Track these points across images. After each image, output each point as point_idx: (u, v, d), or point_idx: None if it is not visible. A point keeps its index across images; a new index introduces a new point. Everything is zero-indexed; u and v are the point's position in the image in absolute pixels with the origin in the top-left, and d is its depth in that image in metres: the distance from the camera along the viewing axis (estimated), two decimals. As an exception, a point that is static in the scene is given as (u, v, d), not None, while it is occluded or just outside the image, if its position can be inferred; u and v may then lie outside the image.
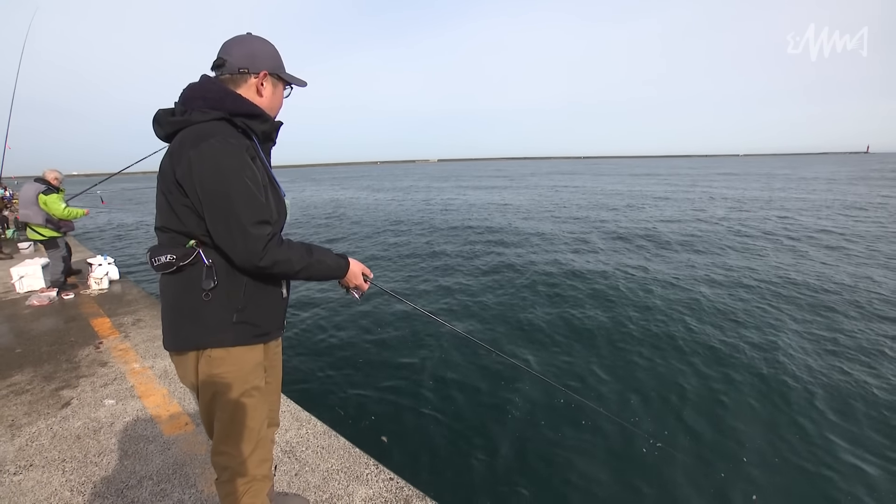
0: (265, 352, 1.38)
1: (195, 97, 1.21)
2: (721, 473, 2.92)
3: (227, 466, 1.31)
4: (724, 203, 18.01)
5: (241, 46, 1.26)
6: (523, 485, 2.83)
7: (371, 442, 3.07)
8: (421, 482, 2.08)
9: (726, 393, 3.83)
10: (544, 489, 2.81)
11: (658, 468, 2.97)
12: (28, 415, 2.68)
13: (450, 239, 11.28)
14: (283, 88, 1.37)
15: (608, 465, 3.00)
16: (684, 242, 10.10)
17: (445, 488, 2.76)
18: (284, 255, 1.18)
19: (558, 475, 2.93)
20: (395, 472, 2.10)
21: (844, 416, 3.50)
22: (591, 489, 2.81)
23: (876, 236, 10.36)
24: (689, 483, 2.84)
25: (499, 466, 2.99)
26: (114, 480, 2.09)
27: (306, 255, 1.23)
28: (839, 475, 2.92)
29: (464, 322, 5.50)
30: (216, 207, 1.13)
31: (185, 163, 1.12)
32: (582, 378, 4.14)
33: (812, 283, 6.79)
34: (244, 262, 1.15)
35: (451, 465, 3.01)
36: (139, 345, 3.72)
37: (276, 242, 1.17)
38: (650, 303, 6.01)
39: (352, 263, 1.40)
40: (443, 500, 1.94)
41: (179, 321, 1.24)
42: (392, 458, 2.98)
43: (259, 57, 1.27)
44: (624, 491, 2.80)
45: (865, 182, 28.83)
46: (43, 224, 5.04)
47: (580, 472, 2.94)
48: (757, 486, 2.81)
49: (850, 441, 3.24)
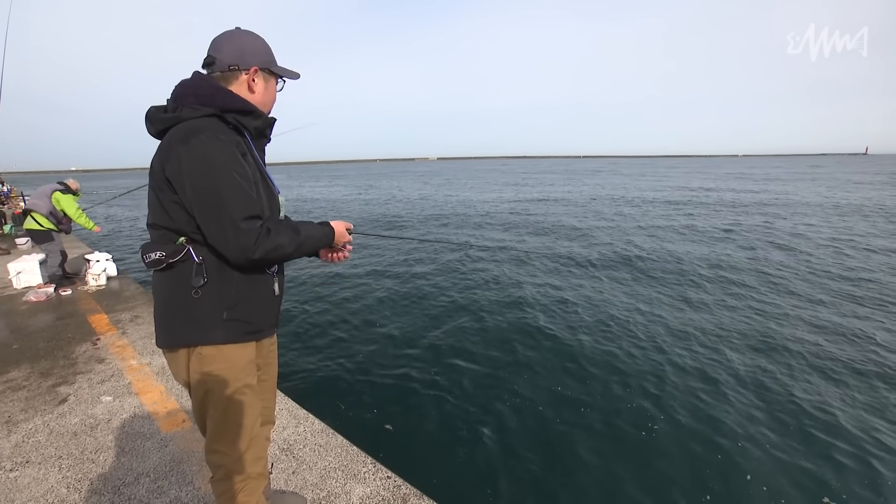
0: (258, 349, 1.37)
1: (187, 94, 1.20)
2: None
3: (221, 465, 1.31)
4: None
5: (230, 43, 1.25)
6: (521, 483, 2.84)
7: (369, 440, 3.08)
8: (418, 480, 2.08)
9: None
10: (543, 487, 2.81)
11: (661, 463, 2.98)
12: (25, 411, 2.67)
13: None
14: (276, 82, 1.36)
15: (610, 461, 3.01)
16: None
17: (443, 486, 2.77)
18: (275, 242, 1.17)
19: (557, 473, 2.93)
20: (393, 470, 2.10)
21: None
22: (591, 486, 2.82)
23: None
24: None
25: (496, 464, 2.99)
26: (111, 477, 2.08)
27: (294, 235, 1.23)
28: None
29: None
30: (206, 204, 1.12)
31: (175, 159, 1.12)
32: (587, 373, 4.15)
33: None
34: (237, 257, 1.15)
35: (449, 463, 3.02)
36: (136, 341, 3.71)
37: (265, 232, 1.16)
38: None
39: (335, 226, 1.40)
40: (440, 499, 1.94)
41: (170, 318, 1.23)
42: (389, 455, 2.98)
43: (248, 52, 1.26)
44: (625, 486, 2.80)
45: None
46: (45, 215, 5.14)
47: (580, 470, 2.95)
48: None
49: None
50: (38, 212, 5.13)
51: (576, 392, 3.87)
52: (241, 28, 1.29)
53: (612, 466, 2.98)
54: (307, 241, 1.27)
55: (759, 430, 3.35)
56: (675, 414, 3.54)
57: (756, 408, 3.64)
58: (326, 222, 1.39)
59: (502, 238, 11.22)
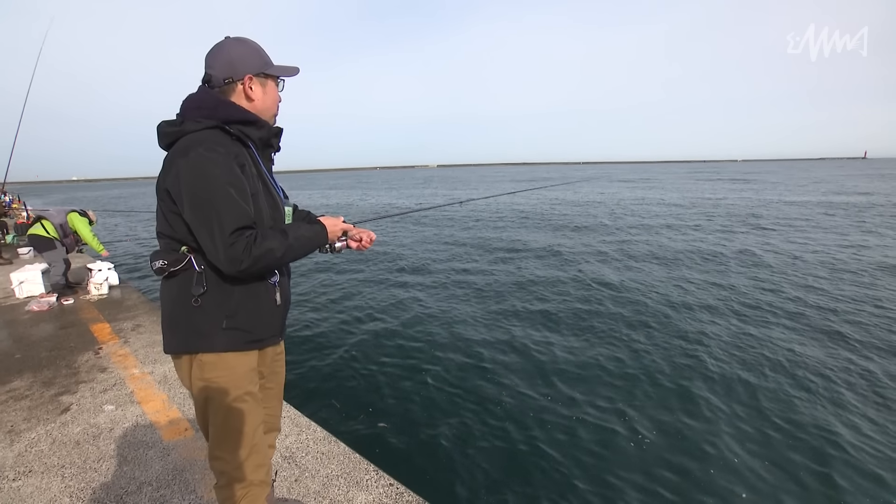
0: (262, 357, 1.38)
1: (192, 107, 1.25)
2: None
3: (224, 471, 1.32)
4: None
5: (220, 56, 1.26)
6: (525, 491, 2.82)
7: (371, 447, 3.07)
8: (421, 488, 2.07)
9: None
10: (547, 497, 2.80)
11: (659, 468, 2.97)
12: (27, 420, 2.67)
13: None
14: (276, 83, 1.36)
15: (616, 470, 2.99)
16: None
17: (446, 495, 2.76)
18: (263, 248, 1.17)
19: (561, 481, 2.92)
20: (396, 477, 2.09)
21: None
22: (595, 497, 2.80)
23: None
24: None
25: (500, 474, 2.98)
26: (113, 486, 2.08)
27: (283, 238, 1.22)
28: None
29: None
30: (199, 215, 1.15)
31: (174, 171, 1.16)
32: (603, 380, 4.13)
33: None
34: (227, 268, 1.16)
35: (452, 471, 3.00)
36: (139, 350, 3.71)
37: (253, 240, 1.16)
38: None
39: (326, 222, 1.39)
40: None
41: (174, 325, 1.27)
42: (392, 463, 2.97)
43: (239, 62, 1.27)
44: (639, 496, 2.79)
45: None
46: (55, 225, 5.32)
47: (585, 478, 2.93)
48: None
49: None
50: (50, 220, 5.31)
51: (588, 399, 3.84)
52: (229, 37, 1.29)
53: (620, 474, 2.96)
54: (297, 241, 1.26)
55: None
56: (703, 418, 3.53)
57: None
58: (317, 220, 1.40)
59: (525, 239, 11.25)
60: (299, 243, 1.27)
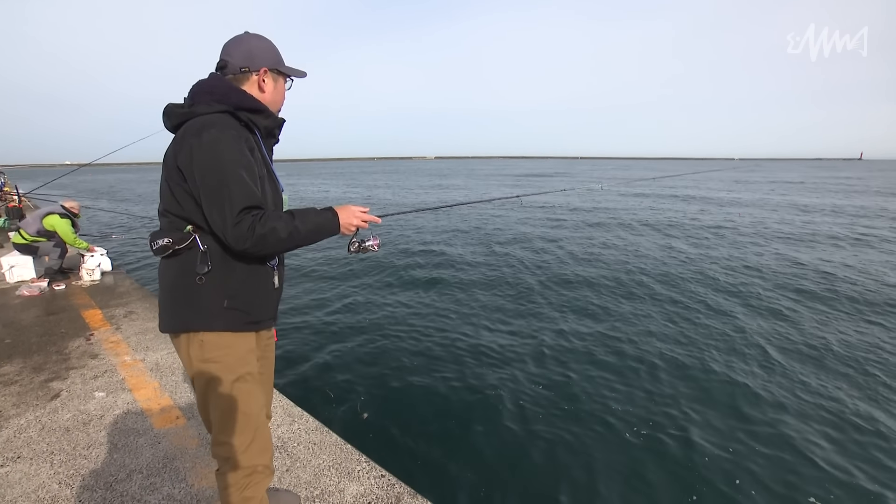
0: (257, 340, 1.40)
1: (203, 92, 1.27)
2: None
3: (228, 457, 1.31)
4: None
5: (240, 46, 1.32)
6: (514, 484, 2.85)
7: (363, 438, 3.07)
8: (412, 479, 2.08)
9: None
10: (537, 489, 2.82)
11: (656, 463, 3.00)
12: (16, 406, 2.65)
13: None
14: (285, 81, 1.41)
15: (604, 460, 3.02)
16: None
17: (436, 486, 2.77)
18: (267, 227, 1.18)
19: (552, 474, 2.94)
20: (387, 468, 2.10)
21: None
22: (586, 486, 2.83)
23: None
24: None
25: (490, 465, 3.00)
26: (103, 473, 2.07)
27: (289, 219, 1.22)
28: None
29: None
30: (212, 193, 1.17)
31: (187, 149, 1.18)
32: (592, 370, 4.16)
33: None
34: (234, 244, 1.18)
35: (442, 462, 3.01)
36: (130, 337, 3.69)
37: (259, 218, 1.18)
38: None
39: (340, 210, 1.33)
40: (434, 498, 1.94)
41: (174, 304, 1.28)
42: (383, 454, 2.98)
43: (257, 55, 1.33)
44: (619, 488, 2.82)
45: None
46: (32, 234, 5.26)
47: (576, 469, 2.95)
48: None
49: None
50: (25, 230, 5.27)
51: (575, 390, 3.87)
52: (249, 32, 1.35)
53: (609, 462, 2.99)
54: (304, 225, 1.24)
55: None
56: (696, 421, 3.56)
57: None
58: (330, 207, 1.35)
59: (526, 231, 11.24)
60: (306, 227, 1.25)
